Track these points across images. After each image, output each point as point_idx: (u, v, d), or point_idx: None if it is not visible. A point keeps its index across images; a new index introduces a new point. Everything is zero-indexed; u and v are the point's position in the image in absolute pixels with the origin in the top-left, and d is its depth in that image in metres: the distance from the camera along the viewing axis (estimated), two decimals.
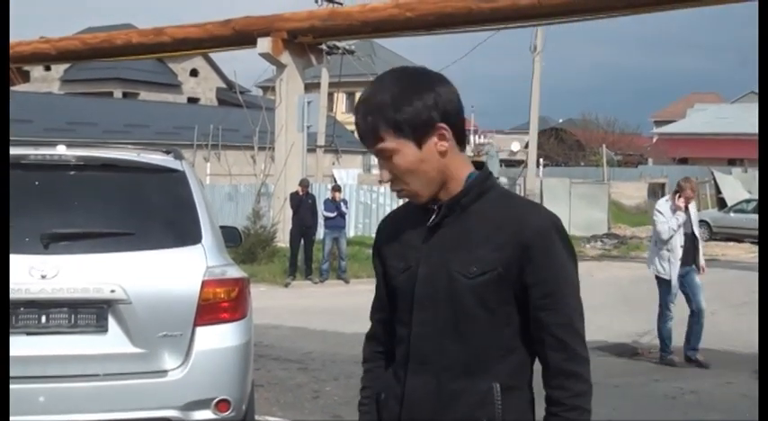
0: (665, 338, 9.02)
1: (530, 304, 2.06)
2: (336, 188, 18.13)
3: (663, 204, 9.00)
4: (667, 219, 8.67)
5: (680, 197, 8.71)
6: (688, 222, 8.80)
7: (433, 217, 2.14)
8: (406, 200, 2.20)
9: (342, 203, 17.56)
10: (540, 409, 2.15)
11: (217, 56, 46.64)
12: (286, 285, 16.67)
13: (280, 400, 7.41)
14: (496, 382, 2.06)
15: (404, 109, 2.03)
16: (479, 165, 2.19)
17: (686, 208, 8.77)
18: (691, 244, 8.87)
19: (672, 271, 8.72)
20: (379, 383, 2.33)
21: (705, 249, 9.42)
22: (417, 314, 2.13)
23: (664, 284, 8.88)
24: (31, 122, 31.00)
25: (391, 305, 2.28)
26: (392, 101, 2.04)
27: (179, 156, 5.53)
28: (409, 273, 2.16)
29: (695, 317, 8.96)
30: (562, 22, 20.21)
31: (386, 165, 2.12)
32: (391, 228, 2.29)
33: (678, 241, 8.69)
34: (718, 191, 33.61)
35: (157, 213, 5.13)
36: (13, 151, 5.46)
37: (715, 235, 27.52)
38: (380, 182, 2.33)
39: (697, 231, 9.06)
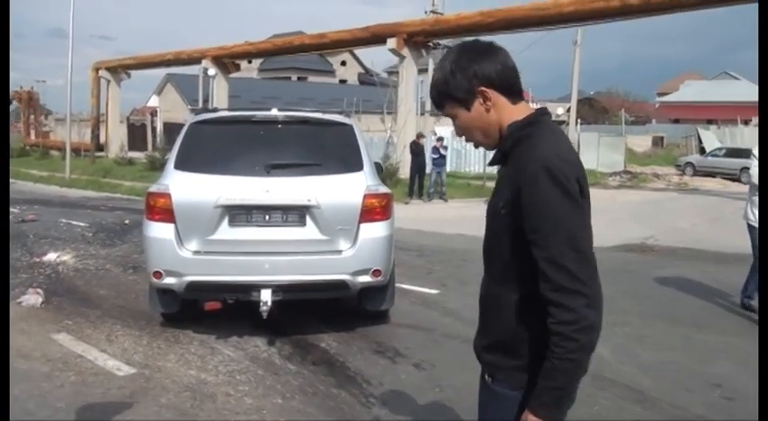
0: (752, 289, 5.63)
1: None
2: (439, 139, 17.85)
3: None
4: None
5: None
6: None
7: (491, 161, 1.88)
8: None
9: (443, 149, 17.37)
10: None
11: (359, 51, 46.51)
12: (406, 203, 16.61)
13: (406, 274, 7.55)
14: (521, 292, 1.72)
15: (450, 83, 1.76)
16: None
17: None
18: None
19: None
20: None
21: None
22: (485, 236, 1.88)
23: (752, 231, 5.45)
24: (239, 97, 31.73)
25: None
26: (443, 78, 1.77)
27: (348, 115, 5.63)
28: None
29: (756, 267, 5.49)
30: (593, 24, 19.86)
31: (454, 124, 1.86)
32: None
33: None
34: (700, 141, 32.56)
35: (335, 151, 5.20)
36: (245, 113, 5.65)
37: (698, 172, 26.65)
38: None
39: None
